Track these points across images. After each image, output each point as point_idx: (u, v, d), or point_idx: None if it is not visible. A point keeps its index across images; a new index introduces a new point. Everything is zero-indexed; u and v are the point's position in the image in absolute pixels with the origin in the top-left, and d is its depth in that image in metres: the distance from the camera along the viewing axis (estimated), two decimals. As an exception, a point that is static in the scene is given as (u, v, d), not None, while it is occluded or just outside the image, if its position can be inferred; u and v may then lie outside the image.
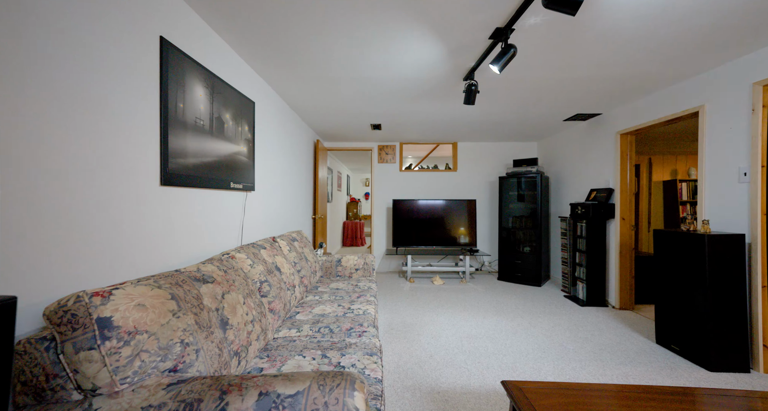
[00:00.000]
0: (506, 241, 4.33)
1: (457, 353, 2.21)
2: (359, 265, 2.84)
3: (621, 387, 1.18)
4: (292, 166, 3.25)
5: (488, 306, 3.22)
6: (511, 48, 1.71)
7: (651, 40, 1.88)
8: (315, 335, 1.55)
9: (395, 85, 2.63)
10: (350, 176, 9.53)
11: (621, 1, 1.54)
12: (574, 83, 2.56)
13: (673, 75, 2.39)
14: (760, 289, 1.95)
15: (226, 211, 1.92)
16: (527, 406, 1.05)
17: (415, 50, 2.04)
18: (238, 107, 2.01)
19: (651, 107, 2.78)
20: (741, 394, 1.18)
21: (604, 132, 3.37)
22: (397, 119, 3.68)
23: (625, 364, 2.06)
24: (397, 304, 3.31)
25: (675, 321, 2.21)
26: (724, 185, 2.18)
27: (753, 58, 2.01)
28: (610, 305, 3.24)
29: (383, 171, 5.03)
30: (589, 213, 3.25)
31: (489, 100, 3.00)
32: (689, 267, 2.10)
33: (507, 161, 4.92)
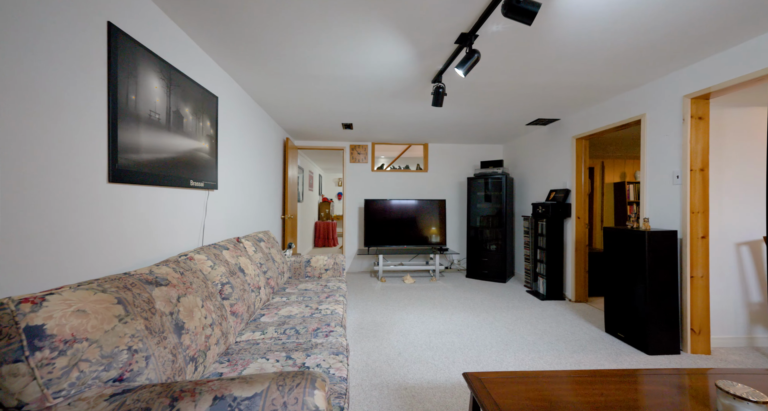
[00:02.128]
0: (474, 239, 4.49)
1: (425, 349, 2.26)
2: (329, 265, 2.81)
3: (570, 372, 1.27)
4: (259, 165, 3.15)
5: (456, 303, 3.33)
6: (475, 53, 1.79)
7: (601, 52, 2.04)
8: (280, 337, 1.52)
9: (366, 85, 2.64)
10: (322, 176, 9.39)
11: (572, 15, 1.66)
12: (534, 89, 2.72)
13: (621, 85, 2.61)
14: (689, 280, 2.19)
15: (185, 210, 1.82)
16: (485, 395, 1.10)
17: (385, 51, 2.06)
18: (199, 102, 1.92)
19: (602, 114, 3.01)
20: (670, 372, 1.32)
21: (562, 136, 3.60)
22: (369, 119, 3.69)
23: (578, 352, 2.22)
24: (368, 303, 3.32)
25: (620, 311, 2.41)
26: (662, 187, 2.42)
27: (684, 73, 2.24)
28: (567, 298, 3.47)
29: (355, 171, 5.02)
30: (549, 212, 3.46)
31: (457, 103, 3.10)
32: (632, 261, 2.30)
33: (475, 163, 5.10)
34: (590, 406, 1.07)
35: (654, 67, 2.24)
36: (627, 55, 2.08)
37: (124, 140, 1.31)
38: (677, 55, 2.06)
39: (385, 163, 6.52)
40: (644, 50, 2.01)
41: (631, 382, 1.24)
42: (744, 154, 2.33)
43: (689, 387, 1.21)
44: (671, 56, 2.08)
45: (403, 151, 5.63)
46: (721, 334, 2.30)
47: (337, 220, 8.89)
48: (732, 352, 2.22)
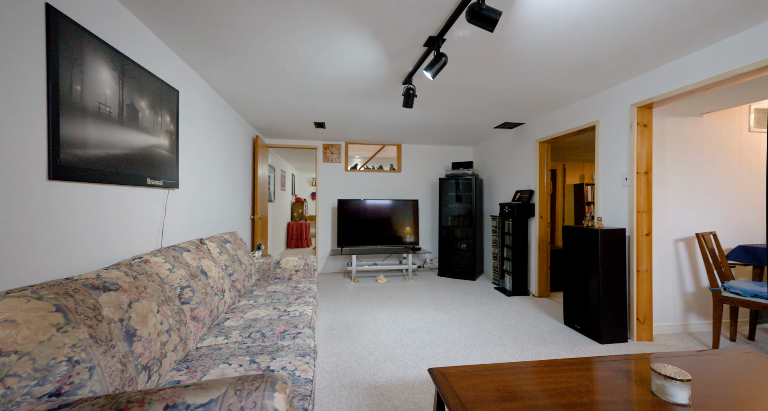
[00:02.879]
0: (446, 239, 4.60)
1: (396, 347, 2.29)
2: (300, 266, 2.76)
3: (528, 363, 1.34)
4: (226, 163, 3.02)
5: (428, 301, 3.39)
6: (443, 57, 1.83)
7: (559, 60, 2.17)
8: (245, 341, 1.47)
9: (338, 84, 2.62)
10: (295, 175, 9.19)
11: (531, 25, 1.75)
12: (501, 94, 2.84)
13: (578, 93, 2.79)
14: (635, 274, 2.39)
15: (141, 210, 1.71)
16: (448, 389, 1.13)
17: (355, 51, 2.06)
18: (157, 95, 1.81)
19: (563, 119, 3.21)
20: (616, 359, 1.43)
21: (527, 139, 3.79)
22: (342, 118, 3.66)
23: (539, 345, 2.35)
24: (341, 303, 3.30)
25: (577, 304, 2.58)
26: (613, 188, 2.62)
27: (631, 83, 2.45)
28: (531, 294, 3.66)
29: (328, 170, 4.96)
30: (514, 212, 3.63)
31: (428, 105, 3.16)
32: (587, 257, 2.47)
33: (447, 164, 5.23)
34: (545, 393, 1.14)
35: (606, 77, 2.42)
36: (582, 65, 2.23)
37: (68, 134, 1.20)
38: (625, 67, 2.24)
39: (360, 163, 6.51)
40: (597, 61, 2.16)
41: (582, 370, 1.34)
42: (681, 159, 2.58)
43: (631, 371, 1.32)
44: (620, 68, 2.26)
45: (377, 152, 5.65)
46: (661, 322, 2.54)
47: (310, 220, 8.74)
48: (670, 338, 2.45)
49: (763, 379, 1.23)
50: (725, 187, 2.64)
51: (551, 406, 1.07)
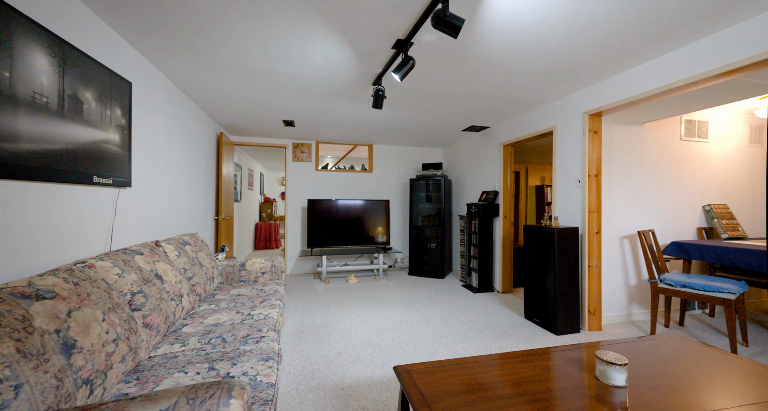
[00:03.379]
0: (416, 238, 4.68)
1: (365, 347, 2.29)
2: (266, 268, 2.68)
3: (488, 356, 1.41)
4: (186, 160, 2.86)
5: (397, 300, 3.43)
6: (410, 60, 1.87)
7: (520, 68, 2.30)
8: (204, 347, 1.40)
9: (307, 82, 2.58)
10: (264, 174, 8.89)
11: (493, 34, 1.84)
12: (468, 98, 2.94)
13: (539, 99, 2.96)
14: (587, 269, 2.59)
15: (86, 211, 1.57)
16: (412, 385, 1.16)
17: (324, 50, 2.04)
18: (105, 86, 1.67)
19: (525, 124, 3.39)
20: (569, 348, 1.55)
21: (492, 142, 3.96)
22: (312, 117, 3.60)
23: (501, 338, 2.46)
24: (310, 305, 3.24)
25: (536, 299, 2.74)
26: (568, 189, 2.82)
27: (584, 93, 2.64)
28: (496, 290, 3.83)
29: (298, 170, 4.86)
30: (480, 212, 3.78)
31: (398, 107, 3.20)
32: (545, 254, 2.64)
33: (417, 165, 5.32)
34: (504, 384, 1.20)
35: (562, 86, 2.60)
36: (541, 74, 2.38)
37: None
38: (578, 77, 2.42)
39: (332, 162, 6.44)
40: (553, 71, 2.31)
41: (537, 360, 1.43)
42: (625, 163, 2.83)
43: (580, 359, 1.43)
44: (574, 78, 2.44)
45: (349, 152, 5.62)
46: (609, 313, 2.77)
47: (280, 220, 8.49)
48: (617, 327, 2.68)
49: (686, 359, 1.39)
50: (661, 190, 2.94)
51: (508, 395, 1.13)
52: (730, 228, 2.92)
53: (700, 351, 1.46)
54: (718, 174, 3.13)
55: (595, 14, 1.64)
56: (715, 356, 1.40)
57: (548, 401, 1.10)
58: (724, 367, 1.32)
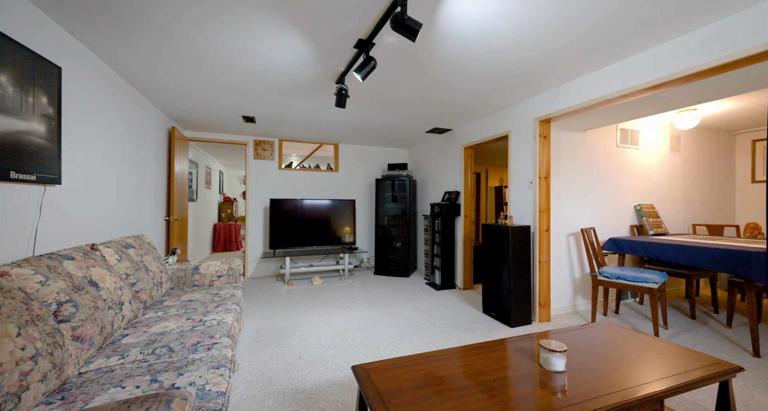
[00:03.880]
0: (382, 238, 4.71)
1: (327, 349, 2.27)
2: (223, 271, 2.54)
3: (444, 351, 1.46)
4: (130, 156, 2.62)
5: (362, 300, 3.43)
6: (372, 60, 1.88)
7: (478, 75, 2.41)
8: (147, 359, 1.30)
9: (268, 78, 2.49)
10: (224, 172, 8.42)
11: (452, 41, 1.91)
12: (430, 101, 3.02)
13: (496, 105, 3.12)
14: (538, 264, 2.78)
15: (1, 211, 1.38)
16: (369, 383, 1.17)
17: (285, 46, 1.98)
18: (26, 70, 1.48)
19: (484, 127, 3.56)
20: (520, 338, 1.65)
21: (454, 144, 4.11)
22: (274, 114, 3.48)
23: (461, 333, 2.56)
24: (271, 308, 3.13)
25: (493, 294, 2.89)
26: (521, 190, 3.01)
27: (536, 100, 2.84)
28: (457, 287, 3.98)
29: (260, 168, 4.67)
30: (443, 212, 3.90)
31: (363, 107, 3.20)
32: (501, 251, 2.79)
33: (383, 165, 5.36)
34: (457, 376, 1.25)
35: (516, 93, 2.77)
36: (496, 81, 2.51)
37: None
38: (530, 85, 2.59)
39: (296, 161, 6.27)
40: (508, 78, 2.46)
41: (489, 352, 1.50)
42: (571, 167, 3.08)
43: (527, 348, 1.54)
44: (526, 85, 2.61)
45: (314, 150, 5.51)
46: (557, 304, 3.00)
47: (242, 221, 8.09)
48: (563, 318, 2.91)
49: (617, 343, 1.55)
50: (600, 191, 3.24)
51: (461, 386, 1.18)
52: (655, 225, 3.30)
53: (628, 335, 1.63)
54: (647, 177, 3.52)
55: (541, 28, 1.77)
56: (641, 339, 1.58)
57: (498, 389, 1.16)
58: (647, 348, 1.49)
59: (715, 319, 2.83)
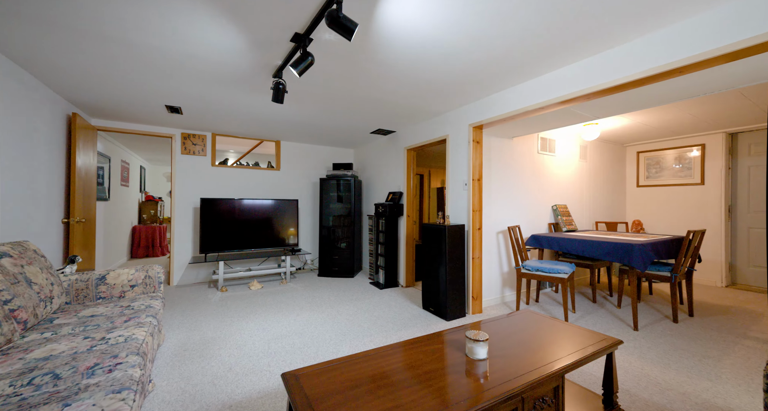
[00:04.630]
0: (326, 238, 4.62)
1: (262, 357, 2.14)
2: (137, 279, 2.23)
3: (378, 349, 1.48)
4: (8, 145, 2.16)
5: (303, 303, 3.32)
6: (309, 56, 1.83)
7: (416, 79, 2.50)
8: (20, 392, 1.07)
9: (195, 65, 2.25)
10: (146, 168, 7.44)
11: (390, 45, 1.95)
12: (373, 102, 3.05)
13: (435, 110, 3.28)
14: (471, 260, 2.99)
15: None
16: (297, 390, 1.13)
17: (213, 31, 1.81)
18: None
19: (425, 130, 3.71)
20: (453, 330, 1.75)
21: (397, 146, 4.21)
22: (205, 106, 3.18)
23: (401, 329, 2.63)
24: (200, 318, 2.85)
25: (431, 290, 3.03)
26: (458, 191, 3.20)
27: (470, 107, 3.05)
28: (400, 285, 4.08)
29: (189, 164, 4.23)
30: (387, 212, 3.97)
31: (305, 104, 3.10)
32: (438, 249, 2.94)
33: (328, 164, 5.27)
34: (388, 373, 1.27)
35: (452, 99, 2.94)
36: (434, 86, 2.63)
37: None
38: (464, 93, 2.78)
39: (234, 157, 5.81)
40: (444, 85, 2.59)
41: (422, 346, 1.56)
42: (500, 170, 3.38)
43: (457, 340, 1.64)
44: (461, 93, 2.78)
45: (254, 147, 5.17)
46: (488, 297, 3.26)
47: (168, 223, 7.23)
48: (493, 308, 3.18)
49: (533, 328, 1.73)
50: (524, 192, 3.62)
51: (392, 383, 1.20)
52: (567, 223, 3.80)
53: (542, 321, 1.84)
54: (561, 181, 4.04)
55: (471, 43, 1.90)
56: (551, 324, 1.79)
57: (427, 382, 1.21)
58: (556, 331, 1.69)
59: (610, 302, 3.35)
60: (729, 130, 3.96)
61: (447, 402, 1.09)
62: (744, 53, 1.54)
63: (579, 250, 2.95)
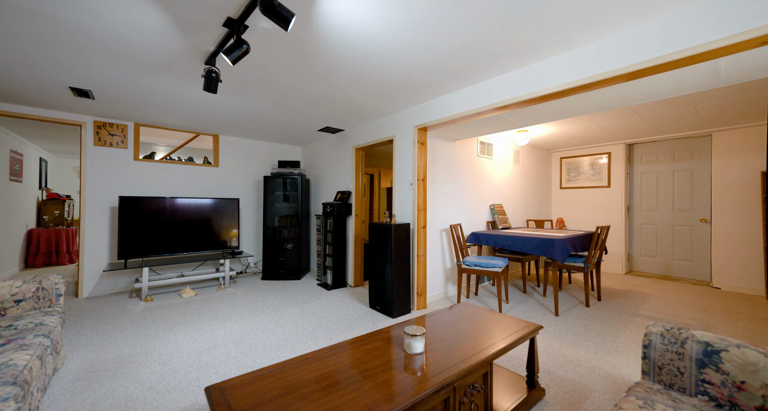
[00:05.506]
0: (272, 240, 4.39)
1: (191, 371, 1.94)
2: (25, 293, 1.87)
3: (316, 351, 1.44)
4: None
5: (243, 309, 3.11)
6: (244, 44, 1.71)
7: (362, 79, 2.49)
8: None
9: (110, 44, 1.96)
10: (48, 161, 6.30)
11: (334, 40, 1.91)
12: (321, 99, 2.97)
13: (382, 110, 3.31)
14: (416, 258, 3.08)
15: None
16: (222, 403, 1.04)
17: (130, 6, 1.58)
18: None
19: (373, 130, 3.72)
20: (399, 325, 1.77)
21: (346, 145, 4.17)
22: (124, 91, 2.78)
23: (347, 330, 2.60)
24: (115, 333, 2.49)
25: (378, 288, 3.06)
26: (404, 191, 3.28)
27: (415, 109, 3.14)
28: (349, 285, 4.05)
29: (106, 157, 3.68)
30: (335, 211, 3.91)
31: (246, 96, 2.89)
32: (384, 248, 2.97)
33: (273, 161, 5.01)
34: (324, 375, 1.24)
35: (398, 100, 3.00)
36: (380, 87, 2.65)
37: None
38: (410, 95, 2.85)
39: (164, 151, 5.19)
40: (390, 86, 2.63)
41: (361, 345, 1.56)
42: (443, 171, 3.55)
43: (397, 336, 1.66)
44: (407, 95, 2.85)
45: (189, 141, 4.68)
46: (432, 292, 3.40)
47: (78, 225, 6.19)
48: (437, 304, 3.32)
49: (469, 320, 1.84)
50: (465, 192, 3.85)
51: (327, 386, 1.17)
52: (503, 221, 4.14)
53: (477, 313, 1.96)
54: (498, 182, 4.38)
55: (415, 46, 1.96)
56: (486, 315, 1.92)
57: (362, 381, 1.21)
58: (489, 321, 1.82)
59: (537, 292, 3.73)
60: (627, 141, 4.69)
61: (381, 398, 1.09)
62: (639, 74, 1.82)
63: (512, 246, 3.23)
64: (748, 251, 3.68)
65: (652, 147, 4.61)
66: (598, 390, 1.78)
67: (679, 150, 4.38)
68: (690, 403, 1.11)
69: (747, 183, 3.72)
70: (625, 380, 1.87)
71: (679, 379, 1.20)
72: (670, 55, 1.64)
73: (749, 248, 3.68)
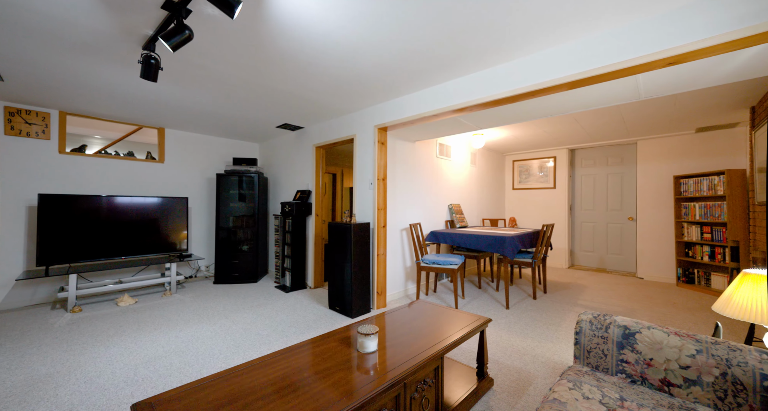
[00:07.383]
0: (225, 241, 4.13)
1: (124, 387, 1.76)
2: None
3: (263, 357, 1.37)
4: None
5: (190, 315, 2.89)
6: (186, 30, 1.58)
7: (320, 75, 2.43)
8: None
9: (26, 19, 1.69)
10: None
11: (287, 32, 1.84)
12: (277, 94, 2.85)
13: (342, 108, 3.27)
14: (376, 257, 3.09)
15: None
16: (151, 420, 0.95)
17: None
18: None
19: (334, 129, 3.67)
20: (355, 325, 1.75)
21: (306, 143, 4.06)
22: (44, 74, 2.44)
23: (304, 332, 2.53)
24: (30, 351, 2.17)
25: (338, 288, 3.02)
26: (364, 190, 3.27)
27: (375, 109, 3.15)
28: (308, 287, 3.95)
29: (20, 149, 3.20)
30: (294, 211, 3.79)
31: (195, 87, 2.69)
32: (344, 247, 2.94)
33: (228, 158, 4.73)
34: (271, 381, 1.19)
35: (358, 99, 2.98)
36: (338, 84, 2.62)
37: None
38: (369, 94, 2.85)
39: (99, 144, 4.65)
40: (348, 83, 2.60)
41: (315, 346, 1.52)
42: (403, 171, 3.60)
43: (352, 336, 1.65)
44: (366, 95, 2.84)
45: (130, 134, 4.24)
46: (392, 291, 3.43)
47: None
48: (397, 302, 3.36)
49: (424, 316, 1.88)
50: (425, 192, 3.95)
51: (271, 393, 1.12)
52: (461, 220, 4.31)
53: (433, 309, 2.01)
54: (455, 183, 4.55)
55: (371, 45, 1.95)
56: (441, 311, 1.98)
57: (310, 385, 1.17)
58: (443, 317, 1.87)
59: (491, 287, 3.94)
60: (570, 146, 5.13)
61: (329, 401, 1.07)
62: (578, 84, 1.98)
63: (468, 244, 3.37)
64: (665, 245, 4.22)
65: (590, 152, 5.10)
66: (541, 376, 1.91)
67: (612, 155, 4.89)
68: (611, 381, 1.24)
69: (664, 185, 4.27)
70: (563, 365, 2.04)
71: (604, 361, 1.34)
72: (602, 68, 1.82)
73: (665, 242, 4.22)
